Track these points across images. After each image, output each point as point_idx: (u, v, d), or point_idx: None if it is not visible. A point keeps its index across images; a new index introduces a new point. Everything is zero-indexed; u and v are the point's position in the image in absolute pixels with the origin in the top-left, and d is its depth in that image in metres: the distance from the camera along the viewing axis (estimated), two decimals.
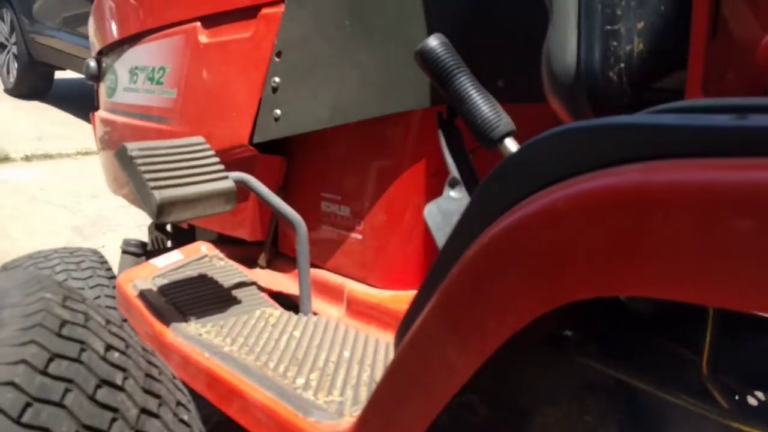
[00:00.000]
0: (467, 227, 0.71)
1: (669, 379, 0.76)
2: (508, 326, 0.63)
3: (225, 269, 1.48)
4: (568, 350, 0.85)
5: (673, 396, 0.74)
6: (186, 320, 1.29)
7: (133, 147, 1.23)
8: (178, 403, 1.11)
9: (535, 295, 0.61)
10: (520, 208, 0.62)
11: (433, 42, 0.91)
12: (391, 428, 0.80)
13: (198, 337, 1.23)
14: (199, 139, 1.33)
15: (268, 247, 1.51)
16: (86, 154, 5.20)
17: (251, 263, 1.53)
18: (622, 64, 0.77)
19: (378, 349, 1.15)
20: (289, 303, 1.38)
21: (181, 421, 1.08)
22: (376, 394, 0.82)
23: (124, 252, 1.91)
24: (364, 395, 1.00)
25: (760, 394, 0.75)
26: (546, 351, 0.87)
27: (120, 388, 0.98)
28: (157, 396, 1.04)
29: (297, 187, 1.44)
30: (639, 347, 0.85)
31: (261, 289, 1.42)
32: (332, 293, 1.34)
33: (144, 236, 2.06)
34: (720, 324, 0.68)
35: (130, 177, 1.23)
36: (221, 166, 1.28)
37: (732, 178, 0.46)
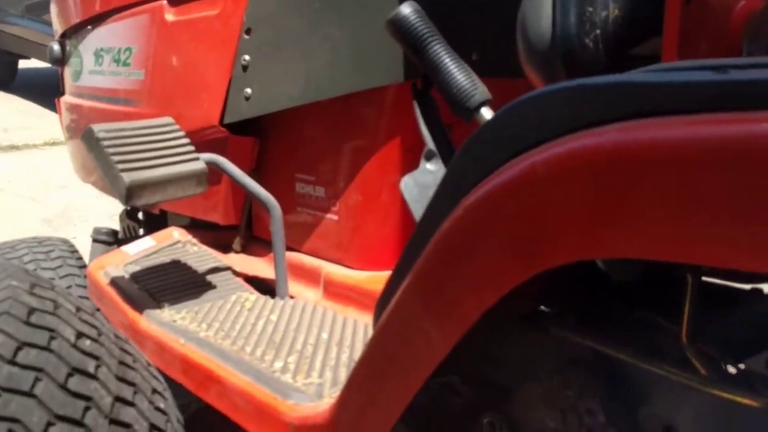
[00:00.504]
0: (444, 198, 0.69)
1: (649, 349, 0.76)
2: (488, 297, 0.62)
3: (198, 255, 1.45)
4: (547, 325, 0.85)
5: (654, 366, 0.74)
6: (160, 307, 1.27)
7: (99, 128, 1.19)
8: (154, 391, 1.08)
9: (515, 262, 0.60)
10: (497, 175, 0.60)
11: (406, 9, 0.88)
12: (370, 407, 0.78)
13: (172, 324, 1.20)
14: (168, 119, 1.29)
15: (243, 231, 1.48)
16: (54, 144, 5.08)
17: (225, 248, 1.50)
18: (598, 30, 0.76)
19: (356, 330, 1.14)
20: (266, 287, 1.35)
21: (157, 408, 1.06)
22: (355, 374, 0.80)
23: (95, 241, 1.87)
24: (343, 376, 0.99)
25: (739, 363, 0.75)
26: (525, 327, 0.87)
27: (93, 376, 0.96)
28: (131, 384, 1.02)
29: (270, 169, 1.42)
30: (618, 319, 0.84)
31: (236, 273, 1.39)
32: (309, 276, 1.32)
33: (116, 226, 2.02)
34: (699, 292, 0.68)
35: (97, 160, 1.19)
36: (192, 147, 1.25)
37: (714, 133, 0.45)
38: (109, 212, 3.47)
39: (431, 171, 0.88)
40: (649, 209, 0.48)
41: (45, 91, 6.31)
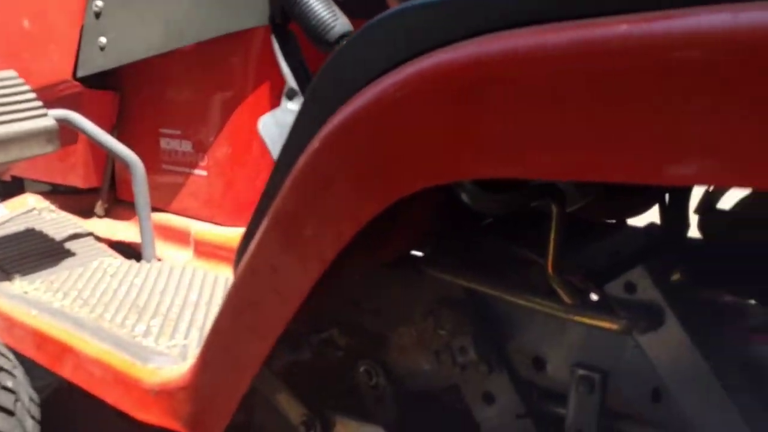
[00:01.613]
0: (300, 133, 0.64)
1: (518, 283, 0.75)
2: (346, 230, 0.59)
3: (56, 221, 1.33)
4: (419, 268, 0.83)
5: (521, 299, 0.73)
6: (9, 279, 1.16)
7: None
8: (0, 369, 0.98)
9: (371, 192, 0.56)
10: (350, 103, 0.56)
11: None
12: (231, 361, 0.73)
13: (24, 296, 1.10)
14: (11, 72, 1.17)
15: (105, 193, 1.38)
16: None
17: (88, 213, 1.39)
18: None
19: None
20: (132, 252, 1.26)
21: (4, 388, 0.96)
22: (214, 328, 0.75)
23: None
24: None
25: (601, 289, 0.76)
26: (397, 272, 0.84)
27: None
28: None
29: (133, 125, 1.31)
30: (490, 256, 0.83)
31: (99, 239, 1.30)
32: (178, 237, 1.24)
33: None
34: (565, 225, 0.67)
35: None
36: (39, 103, 1.14)
37: (569, 41, 0.43)
38: None
39: (292, 110, 0.83)
40: (507, 124, 0.46)
41: None
